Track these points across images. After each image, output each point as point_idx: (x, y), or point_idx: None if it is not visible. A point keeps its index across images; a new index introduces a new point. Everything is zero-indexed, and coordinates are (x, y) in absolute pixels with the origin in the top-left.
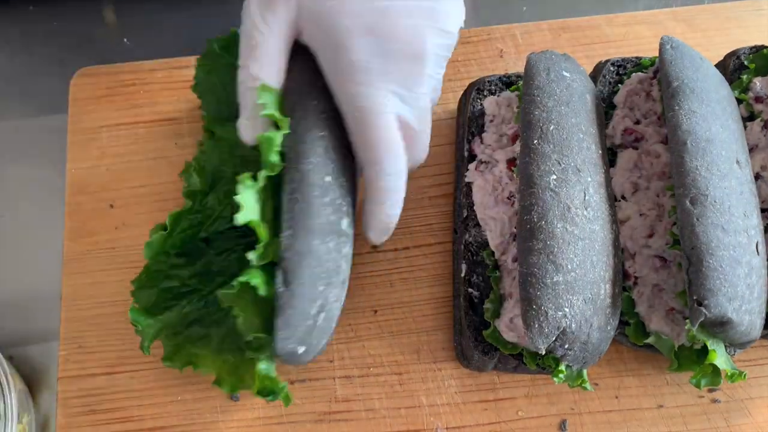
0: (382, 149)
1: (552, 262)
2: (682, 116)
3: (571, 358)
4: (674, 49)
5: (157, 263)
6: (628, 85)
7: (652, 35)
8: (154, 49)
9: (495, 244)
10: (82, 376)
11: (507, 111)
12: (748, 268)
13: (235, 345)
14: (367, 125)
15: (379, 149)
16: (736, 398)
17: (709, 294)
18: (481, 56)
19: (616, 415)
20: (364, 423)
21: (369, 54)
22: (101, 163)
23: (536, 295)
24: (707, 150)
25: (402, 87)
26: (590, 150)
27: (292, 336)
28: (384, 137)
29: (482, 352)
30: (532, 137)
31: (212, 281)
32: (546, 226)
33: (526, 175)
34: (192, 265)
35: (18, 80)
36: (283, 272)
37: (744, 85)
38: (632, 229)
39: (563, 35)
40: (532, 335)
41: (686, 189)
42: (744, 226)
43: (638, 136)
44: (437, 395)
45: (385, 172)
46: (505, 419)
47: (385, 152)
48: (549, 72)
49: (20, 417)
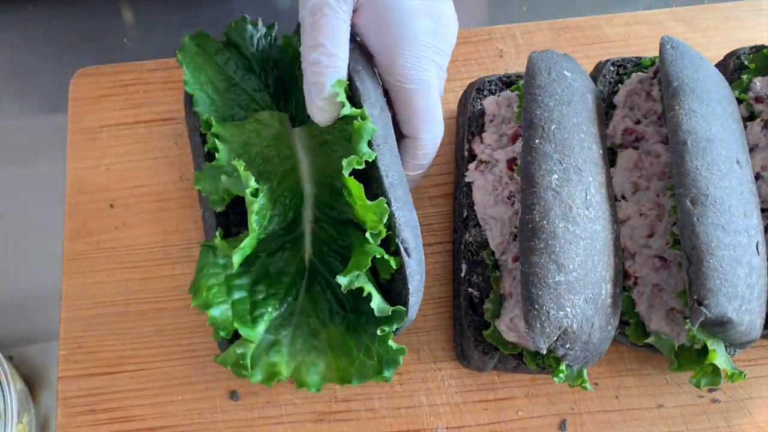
0: (436, 119)
1: (554, 261)
2: (683, 116)
3: (572, 357)
4: (674, 49)
5: (205, 277)
6: (629, 85)
7: (652, 35)
8: (154, 49)
9: (495, 244)
10: (82, 375)
11: (507, 111)
12: (749, 268)
13: (308, 343)
14: (424, 97)
15: (434, 119)
16: (736, 398)
17: (709, 294)
18: (481, 56)
19: (616, 415)
20: (364, 423)
21: (429, 34)
22: (101, 163)
23: (538, 295)
24: (707, 150)
25: (441, 68)
26: (591, 150)
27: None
28: (437, 108)
29: (482, 351)
30: (534, 137)
31: (280, 282)
32: (548, 226)
33: (527, 174)
34: (248, 272)
35: (18, 80)
36: (403, 244)
37: (744, 85)
38: (632, 228)
39: (563, 35)
40: (534, 335)
41: (686, 189)
42: (744, 226)
43: (638, 136)
44: (437, 395)
45: (434, 140)
46: (505, 419)
47: (438, 122)
48: (550, 71)
49: (20, 417)
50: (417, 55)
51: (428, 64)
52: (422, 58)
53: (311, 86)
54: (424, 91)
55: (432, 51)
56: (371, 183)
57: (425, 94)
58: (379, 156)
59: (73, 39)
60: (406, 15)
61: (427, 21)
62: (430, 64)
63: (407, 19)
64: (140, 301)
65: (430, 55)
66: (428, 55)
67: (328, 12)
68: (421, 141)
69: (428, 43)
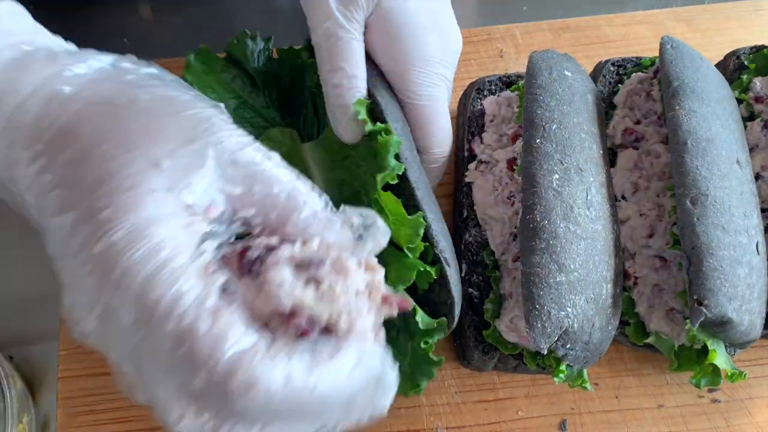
0: (447, 133)
1: (555, 261)
2: (683, 116)
3: (573, 357)
4: (674, 49)
5: None
6: (628, 85)
7: (652, 35)
8: (154, 49)
9: (495, 244)
10: (82, 375)
11: (507, 111)
12: (749, 267)
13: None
14: (436, 113)
15: (445, 133)
16: (736, 398)
17: (709, 294)
18: (481, 56)
19: (616, 415)
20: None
21: (438, 50)
22: None
23: (539, 295)
24: (707, 150)
25: (448, 80)
26: (592, 150)
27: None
28: (447, 122)
29: (482, 352)
30: (535, 136)
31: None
32: (549, 226)
33: (528, 174)
34: None
35: None
36: (442, 254)
37: (744, 85)
38: (632, 229)
39: (563, 35)
40: (535, 335)
41: (687, 189)
42: (744, 225)
43: (638, 136)
44: (437, 395)
45: (444, 153)
46: (505, 419)
47: (448, 136)
48: (551, 71)
49: (20, 417)
50: (428, 72)
51: (438, 79)
52: (432, 74)
53: (335, 108)
54: (436, 107)
55: (441, 66)
56: (399, 196)
57: (437, 109)
58: (408, 169)
59: (73, 39)
60: (415, 32)
61: (435, 36)
62: (440, 79)
63: (417, 36)
64: None
65: (440, 71)
66: (438, 70)
67: (343, 35)
68: (433, 154)
69: (438, 58)
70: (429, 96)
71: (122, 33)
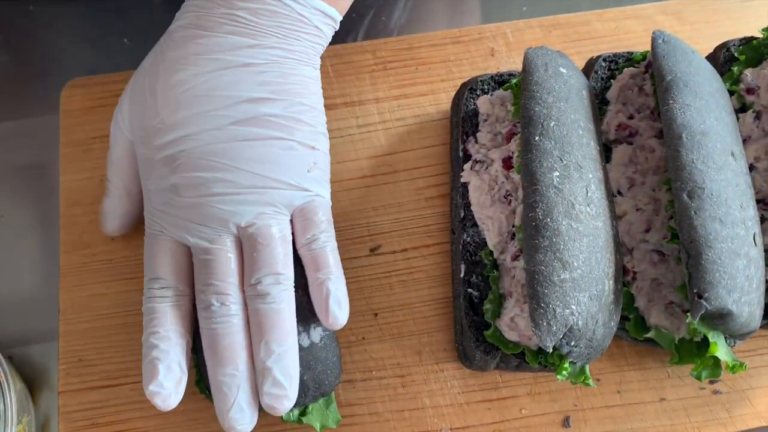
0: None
1: (558, 259)
2: (677, 110)
3: (576, 354)
4: (666, 43)
5: None
6: (621, 80)
7: (642, 29)
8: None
9: (493, 244)
10: (82, 389)
11: (501, 110)
12: (747, 259)
13: None
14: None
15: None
16: (737, 389)
17: (709, 287)
18: (472, 55)
19: (619, 409)
20: (369, 427)
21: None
22: (95, 175)
23: (544, 293)
24: (702, 143)
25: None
26: (589, 146)
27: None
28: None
29: (484, 352)
30: (533, 134)
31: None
32: (551, 224)
33: (528, 172)
34: None
35: (18, 80)
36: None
37: (735, 77)
38: (629, 224)
39: (554, 32)
40: (541, 333)
41: (683, 182)
42: (741, 217)
43: (632, 131)
44: (440, 396)
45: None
46: (509, 418)
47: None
48: (547, 68)
49: (20, 417)
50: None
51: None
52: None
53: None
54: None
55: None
56: None
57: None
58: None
59: (73, 39)
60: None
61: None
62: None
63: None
64: (138, 312)
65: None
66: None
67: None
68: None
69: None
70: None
71: (123, 33)
